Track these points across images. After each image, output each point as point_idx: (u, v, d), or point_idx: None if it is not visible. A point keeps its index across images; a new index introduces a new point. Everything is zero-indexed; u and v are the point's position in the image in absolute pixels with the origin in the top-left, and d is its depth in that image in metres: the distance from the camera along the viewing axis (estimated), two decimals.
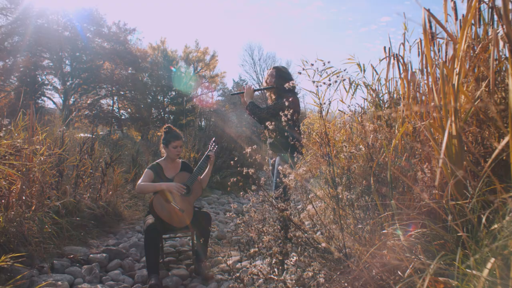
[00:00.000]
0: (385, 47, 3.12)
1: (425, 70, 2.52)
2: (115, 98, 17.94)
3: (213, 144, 3.32)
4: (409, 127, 2.41)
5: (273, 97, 3.25)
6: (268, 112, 3.07)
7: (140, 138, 14.97)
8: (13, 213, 2.45)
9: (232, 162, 2.65)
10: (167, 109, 19.77)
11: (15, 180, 2.63)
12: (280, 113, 2.02)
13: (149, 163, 4.07)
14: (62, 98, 15.72)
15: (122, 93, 17.74)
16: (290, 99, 2.50)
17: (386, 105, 3.27)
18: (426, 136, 2.24)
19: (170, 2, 45.19)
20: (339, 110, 3.83)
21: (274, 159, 3.13)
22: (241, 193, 2.26)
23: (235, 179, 2.13)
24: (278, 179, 2.36)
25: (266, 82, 3.29)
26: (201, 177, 3.14)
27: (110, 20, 17.80)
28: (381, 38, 43.37)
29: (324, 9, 46.27)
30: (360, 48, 42.23)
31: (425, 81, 2.46)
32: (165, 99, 19.64)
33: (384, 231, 1.73)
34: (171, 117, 19.47)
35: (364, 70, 3.47)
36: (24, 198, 2.73)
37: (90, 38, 15.84)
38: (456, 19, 2.24)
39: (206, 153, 3.17)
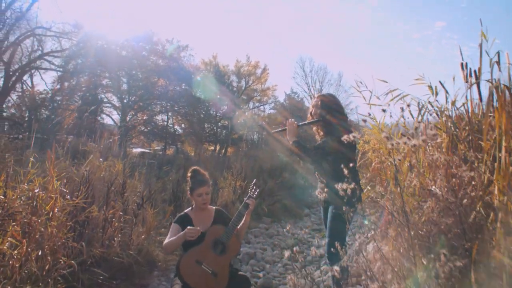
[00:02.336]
0: (462, 64, 2.58)
1: None
2: (169, 113, 18.25)
3: (254, 188, 2.73)
4: None
5: (321, 133, 2.67)
6: (316, 154, 2.52)
7: (193, 154, 15.00)
8: (9, 287, 2.05)
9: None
10: (219, 123, 19.71)
11: (20, 242, 2.26)
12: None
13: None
14: (120, 115, 16.30)
15: (176, 108, 18.02)
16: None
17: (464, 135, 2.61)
18: None
19: (222, 17, 46.05)
20: (402, 134, 3.15)
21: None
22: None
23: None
24: (332, 249, 1.88)
25: (311, 114, 2.71)
26: (238, 227, 2.58)
27: (164, 37, 18.26)
28: (434, 43, 40.08)
29: (373, 16, 44.12)
30: (413, 55, 39.03)
31: None
32: (217, 114, 19.60)
33: None
34: (224, 132, 19.38)
35: (437, 93, 2.82)
36: (33, 258, 2.35)
37: (145, 56, 16.32)
38: None
39: (245, 199, 2.60)
